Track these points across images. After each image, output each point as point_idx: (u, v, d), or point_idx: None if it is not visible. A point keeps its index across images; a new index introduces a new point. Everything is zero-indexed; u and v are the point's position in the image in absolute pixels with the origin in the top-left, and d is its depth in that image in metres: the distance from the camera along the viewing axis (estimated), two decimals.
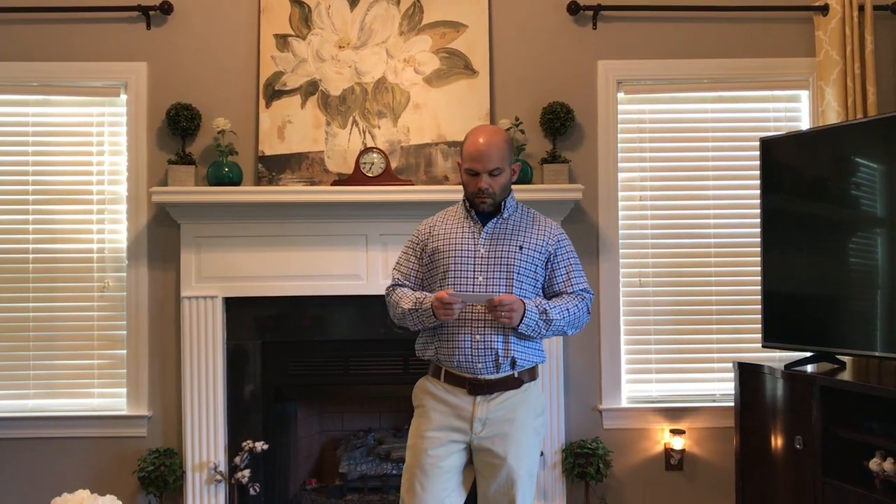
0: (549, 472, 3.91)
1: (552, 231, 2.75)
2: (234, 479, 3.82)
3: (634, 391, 4.12)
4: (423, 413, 2.68)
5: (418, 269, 2.76)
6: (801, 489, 3.30)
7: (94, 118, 4.07)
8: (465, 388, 2.61)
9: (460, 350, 2.60)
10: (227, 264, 3.88)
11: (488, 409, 2.61)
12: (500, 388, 2.62)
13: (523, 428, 2.63)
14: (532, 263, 2.67)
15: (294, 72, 4.00)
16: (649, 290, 4.12)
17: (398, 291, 2.74)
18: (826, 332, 3.41)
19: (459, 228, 2.72)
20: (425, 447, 2.62)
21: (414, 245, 2.79)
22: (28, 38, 4.00)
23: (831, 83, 3.95)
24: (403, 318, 2.69)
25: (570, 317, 2.66)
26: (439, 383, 2.67)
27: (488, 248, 2.67)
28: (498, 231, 2.70)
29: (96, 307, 4.03)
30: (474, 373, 2.60)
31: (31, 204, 4.03)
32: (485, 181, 2.64)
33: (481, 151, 2.63)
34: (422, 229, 2.80)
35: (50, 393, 4.02)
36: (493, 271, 2.64)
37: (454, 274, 2.65)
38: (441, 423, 2.63)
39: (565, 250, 2.75)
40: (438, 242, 2.71)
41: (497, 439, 2.61)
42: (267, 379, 3.97)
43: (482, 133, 2.68)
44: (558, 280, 2.72)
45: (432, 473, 2.60)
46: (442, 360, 2.66)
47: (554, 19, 4.10)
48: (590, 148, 4.08)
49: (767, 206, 3.64)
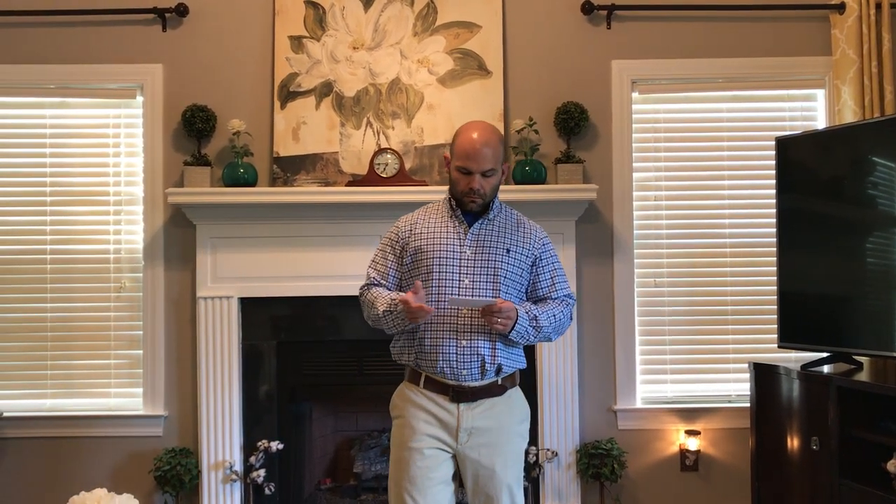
0: (563, 473, 3.91)
1: (538, 234, 2.67)
2: (250, 478, 3.84)
3: (649, 392, 4.10)
4: (405, 424, 2.56)
5: (397, 268, 2.64)
6: (817, 491, 3.28)
7: (111, 120, 4.10)
8: (448, 395, 2.51)
9: (444, 356, 2.49)
10: (243, 265, 3.90)
11: (472, 417, 2.52)
12: (484, 395, 2.53)
13: (509, 435, 2.57)
14: (518, 267, 2.59)
15: (308, 73, 4.02)
16: (664, 291, 4.11)
17: (373, 291, 2.61)
18: (842, 333, 3.39)
19: (444, 228, 2.60)
20: (413, 459, 2.51)
21: (392, 242, 2.66)
22: (45, 40, 4.04)
23: (848, 82, 3.92)
24: (378, 321, 2.57)
25: (556, 323, 2.60)
26: (419, 390, 2.55)
27: (474, 249, 2.57)
28: (484, 233, 2.60)
29: (113, 307, 4.06)
30: (458, 380, 2.50)
31: (48, 205, 4.07)
32: (477, 182, 2.52)
33: (477, 150, 2.50)
34: (401, 226, 2.67)
35: (67, 393, 4.05)
36: (479, 274, 2.54)
37: (438, 276, 2.53)
38: (425, 432, 2.52)
39: (550, 254, 2.68)
40: (421, 241, 2.59)
41: (483, 449, 2.52)
42: (282, 379, 3.99)
43: (477, 130, 2.55)
44: (543, 285, 2.64)
45: (424, 486, 2.49)
46: (422, 366, 2.54)
47: (568, 19, 4.09)
48: (604, 148, 4.07)
49: (783, 205, 3.62)
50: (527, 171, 3.87)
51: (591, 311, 4.04)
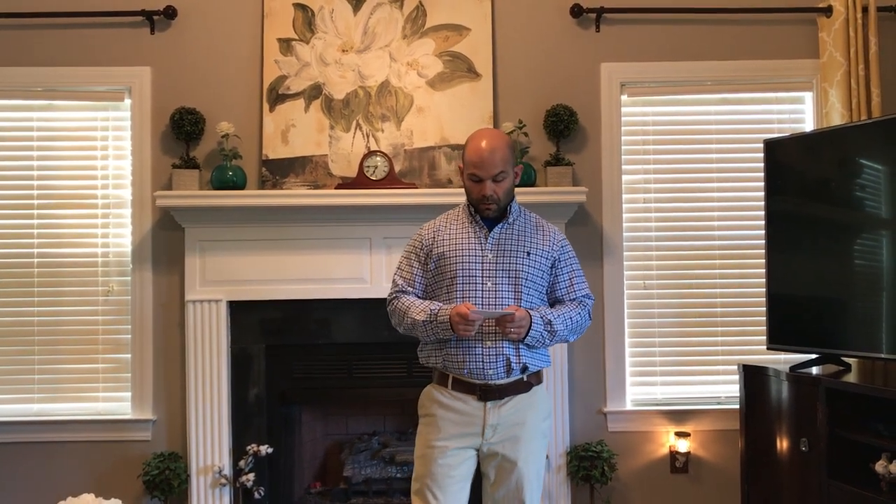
0: (553, 475, 3.91)
1: (556, 237, 2.73)
2: (239, 482, 3.82)
3: (639, 394, 4.11)
4: (432, 422, 2.65)
5: (422, 274, 2.71)
6: (806, 492, 3.29)
7: (99, 122, 4.08)
8: (476, 394, 2.59)
9: (471, 358, 2.57)
10: (232, 268, 3.88)
11: (499, 414, 2.60)
12: (511, 392, 2.61)
13: (533, 431, 2.64)
14: (539, 269, 2.66)
15: (297, 76, 4.01)
16: (653, 293, 4.11)
17: (403, 300, 2.68)
18: (831, 334, 3.40)
19: (465, 234, 2.67)
20: (436, 457, 2.60)
21: (417, 250, 2.73)
22: (32, 42, 4.01)
23: (835, 85, 3.94)
24: (413, 329, 2.63)
25: (572, 325, 2.65)
26: (447, 391, 2.64)
27: (495, 253, 2.64)
28: (504, 236, 2.67)
29: (101, 311, 4.04)
30: (485, 379, 2.58)
31: (35, 208, 4.04)
32: (489, 188, 2.59)
33: (483, 158, 2.57)
34: (425, 233, 2.74)
35: (55, 397, 4.03)
36: (501, 278, 2.61)
37: (462, 280, 2.61)
38: (451, 432, 2.61)
39: (568, 256, 2.74)
40: (444, 248, 2.66)
41: (508, 443, 2.60)
42: (271, 382, 3.97)
43: (484, 137, 2.62)
44: (561, 286, 2.70)
45: (444, 483, 2.59)
46: (450, 368, 2.62)
47: (557, 22, 4.10)
48: (593, 150, 4.08)
49: (772, 207, 3.63)
50: None
51: None
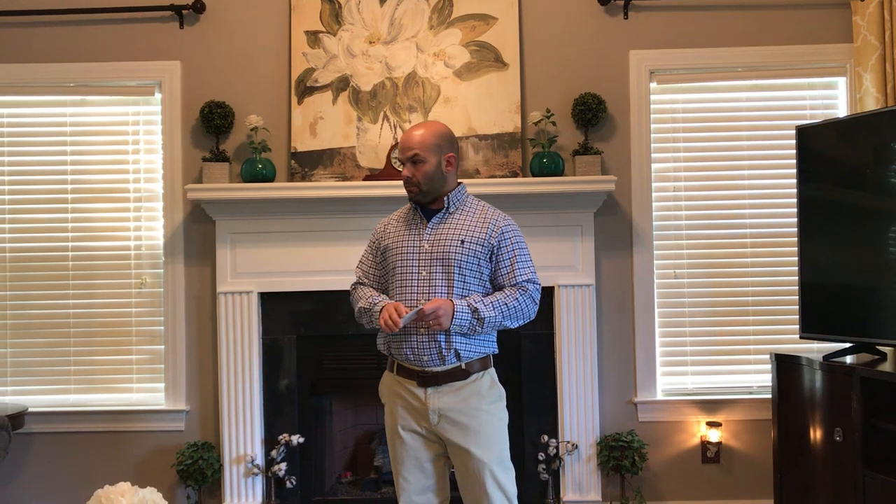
0: (583, 465, 3.90)
1: (496, 223, 2.70)
2: (271, 472, 3.86)
3: (670, 384, 4.09)
4: (389, 409, 2.76)
5: (376, 267, 2.81)
6: (841, 482, 3.25)
7: (130, 117, 4.13)
8: (415, 380, 2.66)
9: (408, 345, 2.64)
10: (262, 260, 3.92)
11: (440, 400, 2.64)
12: (447, 379, 2.64)
13: (479, 416, 2.65)
14: (475, 257, 2.66)
15: (325, 68, 4.02)
16: (684, 282, 4.08)
17: (359, 290, 2.80)
18: (865, 323, 3.36)
19: (406, 226, 2.75)
20: (397, 442, 2.71)
21: (372, 244, 2.84)
22: (64, 39, 4.07)
23: (869, 69, 3.87)
24: (360, 316, 2.76)
25: (508, 311, 2.63)
26: (393, 376, 2.73)
27: (432, 243, 2.68)
28: (441, 226, 2.71)
29: (134, 303, 4.10)
30: (422, 365, 2.64)
31: (69, 203, 4.10)
32: (407, 170, 2.67)
33: (402, 141, 2.71)
34: (378, 228, 2.85)
35: (90, 388, 4.10)
36: (435, 267, 2.65)
37: (400, 271, 2.68)
38: (404, 417, 2.70)
39: (510, 242, 2.70)
40: (389, 241, 2.76)
41: (456, 431, 2.64)
42: (302, 373, 4.01)
43: (415, 126, 2.74)
44: (502, 272, 2.70)
45: (411, 465, 2.69)
46: (394, 354, 2.71)
47: (584, 10, 4.07)
48: (622, 139, 4.05)
49: (804, 195, 3.58)
50: (544, 164, 3.86)
51: (611, 304, 4.03)
